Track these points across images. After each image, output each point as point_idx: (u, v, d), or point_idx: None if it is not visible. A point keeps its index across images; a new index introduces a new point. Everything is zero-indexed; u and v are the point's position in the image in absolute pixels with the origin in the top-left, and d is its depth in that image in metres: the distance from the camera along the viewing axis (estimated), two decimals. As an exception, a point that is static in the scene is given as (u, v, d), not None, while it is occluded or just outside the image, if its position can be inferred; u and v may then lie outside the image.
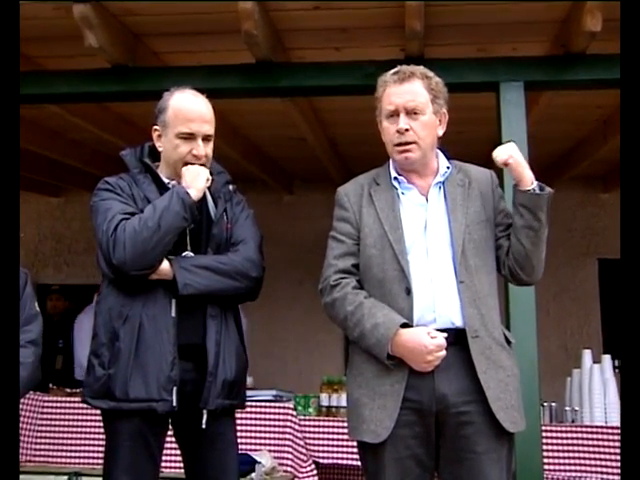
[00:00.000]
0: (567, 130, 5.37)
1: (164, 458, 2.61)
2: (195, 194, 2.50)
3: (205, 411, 2.45)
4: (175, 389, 2.40)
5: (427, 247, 2.36)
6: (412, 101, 2.37)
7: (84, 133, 5.25)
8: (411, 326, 2.28)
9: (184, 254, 2.53)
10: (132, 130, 5.06)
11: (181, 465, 2.64)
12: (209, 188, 2.61)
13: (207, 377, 2.45)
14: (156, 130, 2.60)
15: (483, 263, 2.37)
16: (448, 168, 2.47)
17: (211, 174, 2.61)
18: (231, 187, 2.72)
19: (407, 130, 2.36)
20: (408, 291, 2.31)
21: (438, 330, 2.27)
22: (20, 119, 4.95)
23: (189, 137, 2.54)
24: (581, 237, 7.05)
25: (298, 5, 3.24)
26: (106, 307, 2.50)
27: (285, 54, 3.69)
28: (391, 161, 2.50)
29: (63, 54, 3.70)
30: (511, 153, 2.36)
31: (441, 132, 2.47)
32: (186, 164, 2.55)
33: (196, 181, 2.52)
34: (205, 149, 2.57)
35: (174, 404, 2.40)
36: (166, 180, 2.59)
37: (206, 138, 2.58)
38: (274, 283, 6.69)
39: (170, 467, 3.58)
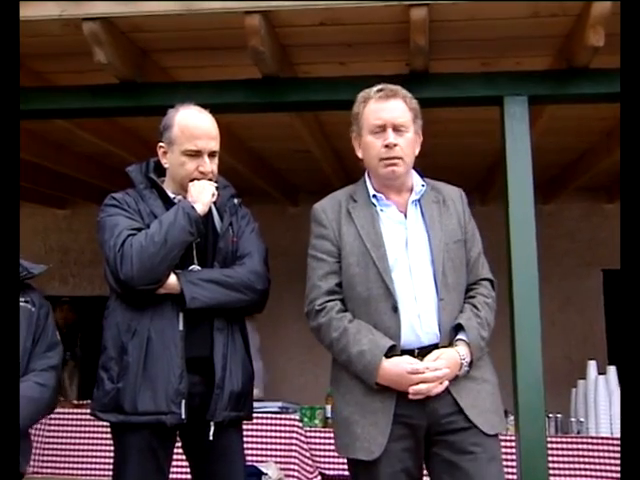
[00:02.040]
0: (571, 142, 5.40)
1: (173, 470, 2.63)
2: (201, 208, 2.53)
3: (212, 423, 2.47)
4: (184, 402, 2.43)
5: (410, 265, 2.40)
6: (400, 117, 2.44)
7: (91, 147, 5.29)
8: (396, 347, 2.32)
9: (191, 268, 2.57)
10: (139, 144, 5.11)
11: (189, 477, 2.66)
12: (215, 202, 2.64)
13: (214, 389, 2.47)
14: (161, 147, 2.63)
15: (458, 282, 2.44)
16: (423, 186, 2.52)
17: (217, 189, 2.65)
18: (236, 201, 2.76)
19: (395, 145, 2.41)
20: (395, 309, 2.35)
21: (424, 348, 2.34)
22: (29, 133, 5.03)
23: (195, 154, 2.57)
24: (585, 248, 7.06)
25: (304, 21, 3.27)
26: (114, 321, 2.53)
27: (291, 69, 3.72)
28: (367, 178, 2.54)
29: (72, 70, 3.73)
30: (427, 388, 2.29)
31: (417, 151, 2.53)
32: (193, 180, 2.58)
33: (202, 196, 2.55)
34: (211, 165, 2.60)
35: (183, 417, 2.42)
36: (172, 195, 2.62)
37: (212, 154, 2.62)
38: (279, 295, 6.71)
39: (180, 479, 3.60)
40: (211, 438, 2.47)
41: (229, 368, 2.52)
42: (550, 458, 3.54)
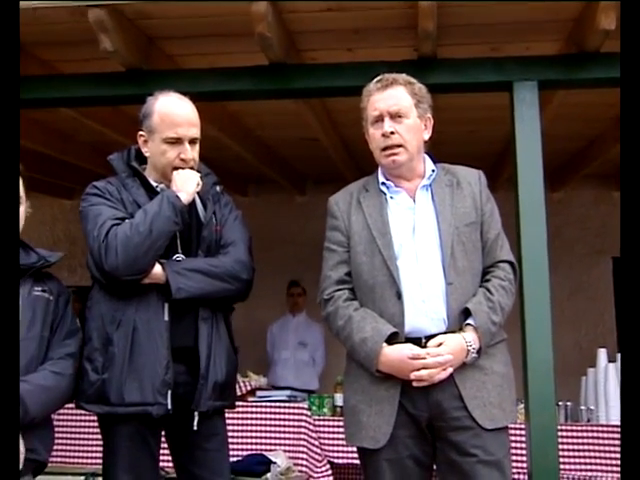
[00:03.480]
0: (580, 129, 5.36)
1: (167, 458, 2.63)
2: (185, 198, 2.52)
3: (196, 413, 2.47)
4: (170, 392, 2.42)
5: (416, 251, 2.40)
6: (395, 105, 2.43)
7: (98, 136, 5.27)
8: (399, 334, 2.31)
9: (175, 257, 2.55)
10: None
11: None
12: (197, 192, 2.63)
13: (199, 379, 2.47)
14: (142, 135, 2.62)
15: (470, 265, 2.41)
16: (433, 171, 2.51)
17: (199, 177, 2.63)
18: (218, 188, 2.73)
19: (392, 133, 2.41)
20: (399, 295, 2.34)
21: (432, 335, 2.32)
22: (35, 123, 5.00)
23: (176, 142, 2.55)
24: (595, 235, 7.03)
25: (311, 7, 3.24)
26: (98, 312, 2.52)
27: (298, 56, 3.69)
28: (380, 167, 2.55)
29: (78, 58, 3.71)
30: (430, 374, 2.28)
31: (427, 136, 2.53)
32: (175, 168, 2.56)
33: (186, 185, 2.53)
34: (192, 152, 2.58)
35: (169, 407, 2.42)
36: (154, 184, 2.60)
37: (192, 141, 2.59)
38: (286, 283, 6.72)
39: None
40: (195, 428, 2.47)
41: (213, 358, 2.51)
42: (560, 446, 3.51)
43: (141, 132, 2.61)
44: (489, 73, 3.50)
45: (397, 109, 2.42)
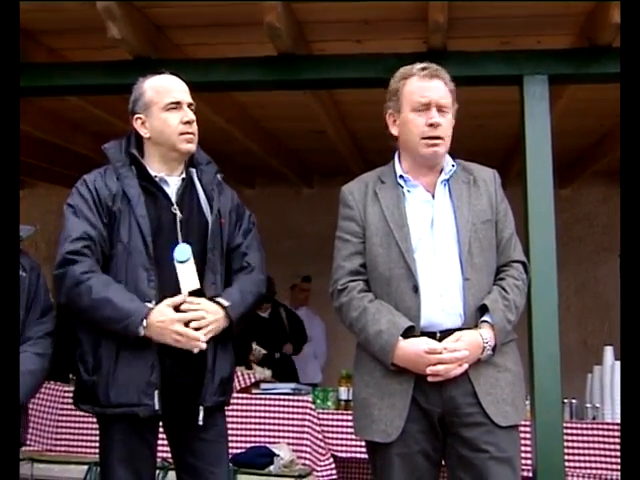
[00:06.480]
0: (590, 125, 5.32)
1: (166, 448, 2.62)
2: (146, 335, 2.38)
3: (202, 408, 2.45)
4: (157, 393, 2.39)
5: (434, 245, 2.37)
6: (444, 98, 2.42)
7: (106, 125, 5.26)
8: (415, 328, 2.29)
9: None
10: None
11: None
12: (200, 180, 2.60)
13: (206, 374, 2.45)
14: (138, 118, 2.57)
15: (486, 263, 2.39)
16: (453, 166, 2.49)
17: (199, 164, 2.62)
18: (219, 176, 2.68)
19: (439, 125, 2.38)
20: (415, 289, 2.32)
21: (447, 330, 2.30)
22: (44, 112, 4.99)
23: (176, 106, 2.53)
24: (603, 233, 7.00)
25: (320, -3, 3.23)
26: None
27: (307, 46, 3.68)
28: (396, 159, 2.51)
29: (86, 46, 3.70)
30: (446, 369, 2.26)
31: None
32: (182, 134, 2.52)
33: (161, 334, 2.39)
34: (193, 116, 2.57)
35: (156, 407, 2.39)
36: (153, 173, 2.55)
37: (189, 106, 2.58)
38: (292, 276, 6.71)
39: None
40: (201, 423, 2.44)
41: (219, 353, 2.49)
42: (565, 443, 3.49)
43: (137, 115, 2.57)
44: (499, 66, 3.47)
45: (445, 102, 2.41)
